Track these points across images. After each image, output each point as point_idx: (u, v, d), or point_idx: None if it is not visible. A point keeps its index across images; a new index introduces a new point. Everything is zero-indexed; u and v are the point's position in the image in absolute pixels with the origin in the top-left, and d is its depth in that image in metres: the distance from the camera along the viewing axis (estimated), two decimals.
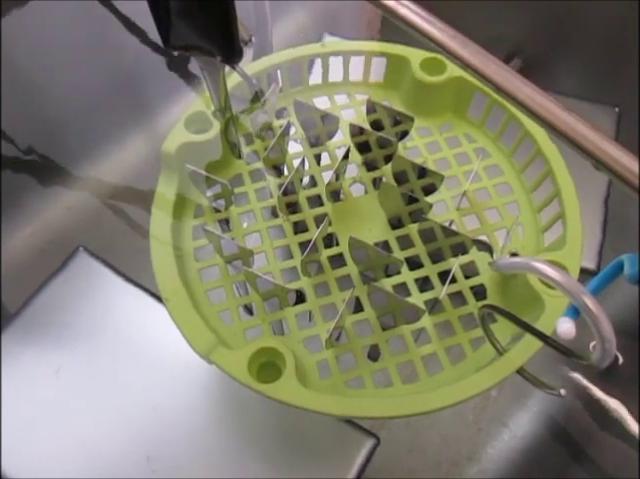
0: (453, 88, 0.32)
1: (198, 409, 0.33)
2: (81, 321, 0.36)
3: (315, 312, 0.27)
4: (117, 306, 0.37)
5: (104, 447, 0.32)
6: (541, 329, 0.22)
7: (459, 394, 0.23)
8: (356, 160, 0.31)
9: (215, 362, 0.23)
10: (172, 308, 0.25)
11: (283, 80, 0.33)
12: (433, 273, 0.28)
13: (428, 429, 0.43)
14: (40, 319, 0.37)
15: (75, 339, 0.36)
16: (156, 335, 0.35)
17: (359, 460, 0.33)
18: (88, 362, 0.35)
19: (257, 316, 0.27)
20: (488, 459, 0.42)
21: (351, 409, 0.23)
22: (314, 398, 0.23)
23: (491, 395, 0.44)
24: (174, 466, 0.32)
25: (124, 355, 0.35)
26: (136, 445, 0.32)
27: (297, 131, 0.32)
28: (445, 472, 0.42)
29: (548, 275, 0.19)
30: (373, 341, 0.26)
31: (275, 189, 0.30)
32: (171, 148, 0.28)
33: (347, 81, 0.34)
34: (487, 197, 0.30)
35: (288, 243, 0.28)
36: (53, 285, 0.37)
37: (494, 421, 0.43)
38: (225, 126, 0.26)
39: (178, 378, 0.34)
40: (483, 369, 0.24)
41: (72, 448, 0.32)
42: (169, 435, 0.33)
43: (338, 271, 0.28)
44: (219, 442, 0.33)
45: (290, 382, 0.23)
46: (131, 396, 0.34)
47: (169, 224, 0.28)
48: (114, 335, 0.36)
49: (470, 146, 0.32)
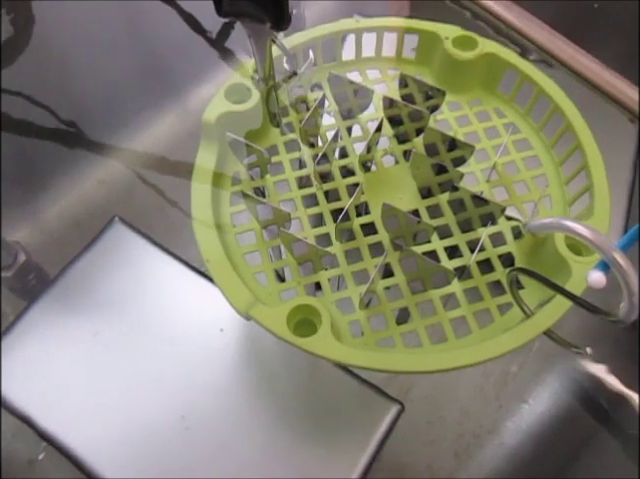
0: (483, 64, 0.32)
1: (229, 373, 0.35)
2: (117, 288, 0.38)
3: (347, 277, 0.28)
4: (151, 274, 0.38)
5: (139, 405, 0.34)
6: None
7: (486, 352, 0.24)
8: (387, 132, 0.32)
9: (255, 318, 0.25)
10: (213, 269, 0.26)
11: (317, 55, 0.34)
12: (461, 242, 0.29)
13: (449, 403, 0.44)
14: (78, 286, 0.38)
15: (112, 305, 0.37)
16: (189, 302, 0.37)
17: (384, 425, 0.34)
18: (124, 326, 0.36)
19: (292, 279, 0.28)
20: (509, 433, 0.43)
21: (384, 363, 0.24)
22: (349, 352, 0.24)
23: (512, 371, 0.45)
24: (207, 425, 0.33)
25: (159, 320, 0.36)
26: (170, 404, 0.34)
27: (330, 104, 0.33)
28: (465, 444, 0.43)
29: (579, 232, 0.19)
30: (403, 304, 0.27)
31: (309, 159, 0.31)
32: (212, 117, 0.29)
33: (379, 57, 0.34)
34: (516, 170, 0.31)
35: (321, 211, 0.30)
36: (90, 254, 0.39)
37: (515, 397, 0.44)
38: (267, 94, 0.27)
39: (211, 343, 0.35)
40: (511, 330, 0.25)
41: (109, 405, 0.34)
42: (202, 396, 0.34)
43: (369, 239, 0.29)
44: (248, 405, 0.34)
45: (326, 337, 0.24)
46: (164, 358, 0.35)
47: (209, 190, 0.29)
48: (149, 302, 0.37)
49: (499, 120, 0.32)
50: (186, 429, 0.33)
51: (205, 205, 0.28)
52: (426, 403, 0.44)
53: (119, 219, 0.40)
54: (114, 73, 0.52)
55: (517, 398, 0.44)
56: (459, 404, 0.44)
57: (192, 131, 0.52)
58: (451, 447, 0.43)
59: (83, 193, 0.48)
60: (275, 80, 0.26)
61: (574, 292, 0.25)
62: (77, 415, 0.34)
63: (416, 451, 0.43)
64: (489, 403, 0.44)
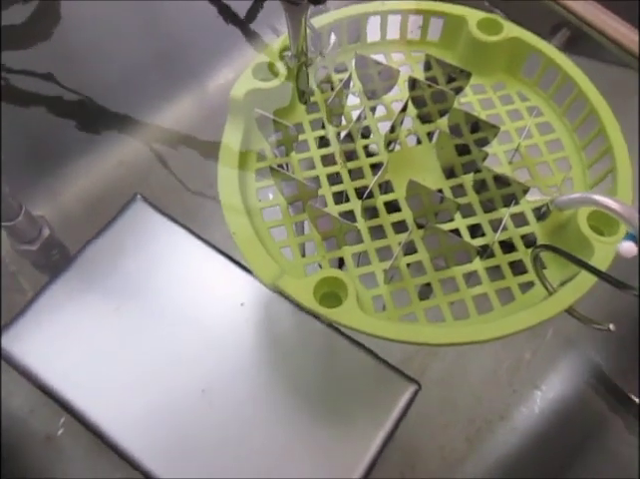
0: (508, 48, 0.33)
1: (249, 349, 0.35)
2: (138, 264, 0.38)
3: (370, 253, 0.28)
4: (172, 251, 0.38)
5: (160, 378, 0.34)
6: (590, 276, 0.24)
7: (510, 327, 0.25)
8: (411, 113, 0.32)
9: (282, 289, 0.25)
10: (240, 241, 0.27)
11: (342, 36, 0.34)
12: (484, 221, 0.29)
13: (461, 387, 0.44)
14: (100, 262, 0.38)
15: (133, 280, 0.38)
16: (210, 279, 0.37)
17: (401, 404, 0.34)
18: (145, 301, 0.37)
19: (317, 254, 0.28)
20: (521, 419, 0.43)
21: (410, 335, 0.24)
22: (375, 324, 0.24)
23: (525, 358, 0.45)
24: (227, 399, 0.34)
25: (179, 296, 0.37)
26: (191, 379, 0.34)
27: (355, 84, 0.33)
28: (477, 429, 0.43)
29: (607, 205, 0.20)
30: (426, 280, 0.27)
31: (334, 138, 0.32)
32: (240, 94, 0.30)
33: (404, 39, 0.35)
34: (538, 153, 0.31)
35: (345, 189, 0.30)
36: (112, 230, 0.39)
37: (527, 383, 0.44)
38: (298, 71, 0.28)
39: (230, 319, 0.36)
40: (534, 306, 0.25)
41: (130, 378, 0.34)
42: (222, 371, 0.35)
43: (393, 216, 0.29)
44: (267, 382, 0.35)
45: (352, 308, 0.24)
46: (185, 334, 0.36)
47: (236, 165, 0.29)
48: (169, 278, 0.37)
49: (522, 104, 0.33)
50: (206, 403, 0.34)
51: (232, 179, 0.29)
52: (439, 387, 0.44)
53: (140, 196, 0.40)
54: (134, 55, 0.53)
55: (530, 385, 0.44)
56: (471, 389, 0.44)
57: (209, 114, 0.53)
58: (462, 431, 0.44)
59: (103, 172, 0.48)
60: (307, 56, 0.27)
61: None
62: (99, 387, 0.34)
63: (428, 434, 0.43)
64: (502, 389, 0.44)
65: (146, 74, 0.53)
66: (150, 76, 0.53)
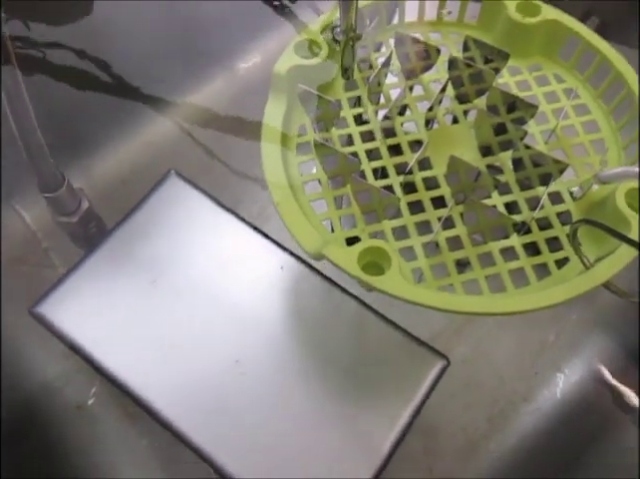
0: (546, 30, 0.33)
1: (281, 322, 0.36)
2: (173, 239, 0.39)
3: (410, 226, 0.29)
4: (207, 226, 0.39)
5: (194, 347, 0.35)
6: (628, 251, 0.24)
7: (546, 299, 0.25)
8: (449, 93, 0.33)
9: (327, 257, 0.26)
10: (283, 211, 0.28)
11: (380, 16, 0.34)
12: (520, 199, 0.30)
13: (485, 368, 0.45)
14: (135, 236, 0.39)
15: (168, 255, 0.38)
16: (243, 253, 0.38)
17: (430, 378, 0.35)
18: (180, 276, 0.38)
19: (357, 227, 0.29)
20: (544, 400, 0.44)
21: (450, 303, 0.25)
22: (417, 291, 0.25)
23: (549, 341, 0.46)
24: (260, 370, 0.34)
25: (214, 270, 0.38)
26: (224, 349, 0.35)
27: (394, 63, 0.33)
28: (501, 409, 0.44)
29: None
30: (464, 255, 0.28)
31: (372, 115, 0.32)
32: (282, 70, 0.30)
33: (441, 21, 0.35)
34: (574, 134, 0.32)
35: (384, 165, 0.31)
36: (147, 205, 0.40)
37: (551, 366, 0.45)
38: (344, 46, 0.28)
39: (264, 293, 0.37)
40: (570, 281, 0.26)
41: (165, 347, 0.35)
42: (255, 344, 0.35)
43: (431, 192, 0.30)
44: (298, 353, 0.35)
45: (395, 276, 0.25)
46: (218, 307, 0.36)
47: (278, 139, 0.30)
48: (204, 252, 0.38)
49: (559, 86, 0.33)
50: (240, 373, 0.34)
51: (275, 152, 0.29)
52: (463, 367, 0.45)
53: (174, 171, 0.41)
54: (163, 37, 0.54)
55: (554, 367, 0.45)
56: (495, 370, 0.45)
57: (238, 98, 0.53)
58: (485, 411, 0.44)
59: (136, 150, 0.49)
60: (356, 32, 0.27)
61: (634, 249, 0.26)
62: (135, 355, 0.35)
63: (451, 413, 0.44)
64: (526, 371, 0.45)
65: (176, 54, 0.54)
66: (179, 57, 0.54)
